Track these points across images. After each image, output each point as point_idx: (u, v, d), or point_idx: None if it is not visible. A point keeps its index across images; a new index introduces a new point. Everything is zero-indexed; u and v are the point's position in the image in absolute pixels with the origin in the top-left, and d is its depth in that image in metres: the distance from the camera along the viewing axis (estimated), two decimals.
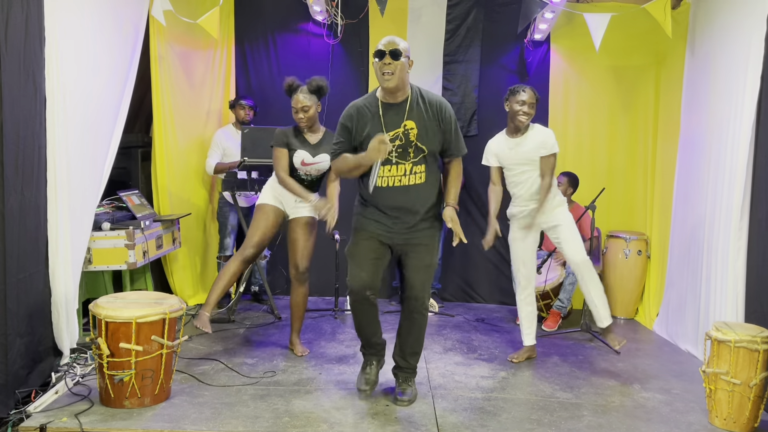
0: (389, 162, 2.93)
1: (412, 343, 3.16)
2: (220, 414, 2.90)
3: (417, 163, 2.94)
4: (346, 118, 2.99)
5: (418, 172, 2.95)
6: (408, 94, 2.96)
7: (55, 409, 2.87)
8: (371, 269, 3.02)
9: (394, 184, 2.95)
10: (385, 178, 2.95)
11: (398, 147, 2.92)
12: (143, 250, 3.88)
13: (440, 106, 2.98)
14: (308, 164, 3.65)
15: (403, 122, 2.92)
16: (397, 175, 2.94)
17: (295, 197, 3.68)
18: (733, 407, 2.89)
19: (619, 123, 5.15)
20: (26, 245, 2.99)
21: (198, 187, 5.02)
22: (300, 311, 3.85)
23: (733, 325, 3.04)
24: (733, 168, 3.58)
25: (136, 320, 2.85)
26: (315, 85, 3.62)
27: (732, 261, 3.52)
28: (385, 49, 2.83)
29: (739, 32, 3.66)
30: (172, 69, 4.59)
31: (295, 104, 3.60)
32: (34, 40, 3.01)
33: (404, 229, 3.01)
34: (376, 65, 2.88)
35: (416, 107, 2.95)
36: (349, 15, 5.12)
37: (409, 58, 2.92)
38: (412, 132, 2.92)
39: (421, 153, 2.94)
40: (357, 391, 3.20)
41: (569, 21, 4.97)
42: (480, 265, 5.36)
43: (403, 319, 3.17)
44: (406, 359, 3.19)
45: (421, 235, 3.02)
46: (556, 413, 3.05)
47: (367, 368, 3.23)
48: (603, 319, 3.73)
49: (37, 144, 3.06)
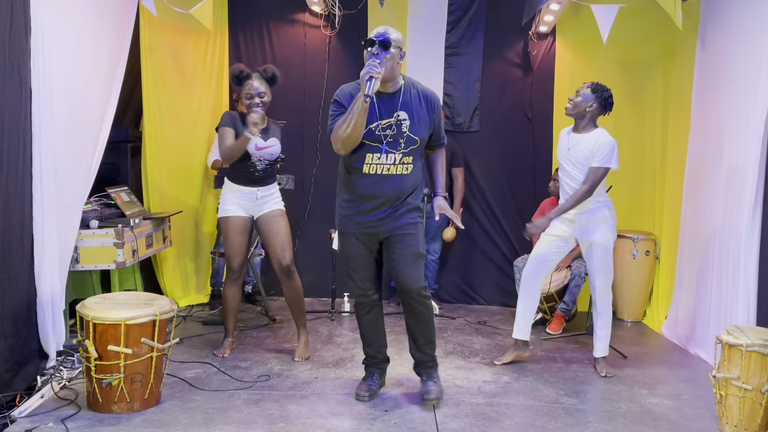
0: (379, 150, 2.91)
1: (423, 332, 3.12)
2: (212, 419, 2.85)
3: (406, 154, 2.96)
4: (342, 96, 2.95)
5: (406, 162, 2.96)
6: (401, 84, 2.98)
7: (40, 414, 2.83)
8: (365, 268, 3.09)
9: (381, 172, 2.94)
10: (373, 166, 2.93)
11: (390, 136, 2.91)
12: (132, 249, 3.81)
13: (431, 96, 3.03)
14: (261, 148, 3.59)
15: (396, 112, 2.93)
16: (386, 164, 2.93)
17: (255, 196, 3.63)
18: (744, 414, 2.83)
19: (627, 118, 5.05)
20: (11, 243, 2.94)
21: (190, 183, 4.94)
22: (297, 307, 3.76)
23: (745, 328, 2.99)
24: (745, 166, 3.52)
25: (125, 322, 2.81)
26: (270, 73, 3.59)
27: (743, 262, 3.48)
28: (375, 39, 2.84)
29: (753, 25, 3.58)
30: (163, 61, 4.51)
31: (249, 90, 3.54)
32: (20, 31, 2.95)
33: (387, 219, 2.98)
34: (366, 54, 2.87)
35: (409, 98, 2.97)
36: (347, 5, 5.03)
37: (401, 49, 2.92)
38: (404, 123, 2.93)
39: (412, 144, 2.95)
40: (355, 397, 3.17)
41: (576, 13, 4.89)
42: (481, 265, 5.28)
43: (407, 316, 3.14)
44: (422, 350, 3.15)
45: (405, 224, 3.00)
46: (560, 419, 3.00)
47: (368, 380, 3.23)
48: (598, 350, 3.69)
49: (23, 138, 3.01)
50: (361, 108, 2.79)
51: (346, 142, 2.87)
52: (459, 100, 5.13)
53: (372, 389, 3.18)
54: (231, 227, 3.66)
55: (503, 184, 5.23)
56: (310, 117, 5.21)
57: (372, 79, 2.73)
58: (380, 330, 3.24)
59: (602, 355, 3.69)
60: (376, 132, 2.91)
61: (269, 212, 3.68)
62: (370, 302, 3.16)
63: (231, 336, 3.81)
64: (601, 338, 3.68)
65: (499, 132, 5.21)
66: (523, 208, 5.11)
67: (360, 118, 2.81)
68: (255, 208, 3.69)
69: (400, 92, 2.95)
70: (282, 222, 3.69)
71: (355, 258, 3.08)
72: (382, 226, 3.00)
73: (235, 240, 3.66)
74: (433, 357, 3.18)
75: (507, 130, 5.20)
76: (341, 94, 2.96)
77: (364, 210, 2.99)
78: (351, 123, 2.82)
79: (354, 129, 2.83)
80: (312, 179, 5.22)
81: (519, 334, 3.76)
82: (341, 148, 2.92)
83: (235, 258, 3.67)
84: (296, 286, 3.71)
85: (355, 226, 3.03)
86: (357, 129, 2.84)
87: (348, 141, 2.87)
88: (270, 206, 3.69)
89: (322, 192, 5.05)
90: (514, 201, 5.20)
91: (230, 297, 3.74)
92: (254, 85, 3.54)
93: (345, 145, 2.89)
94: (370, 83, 2.73)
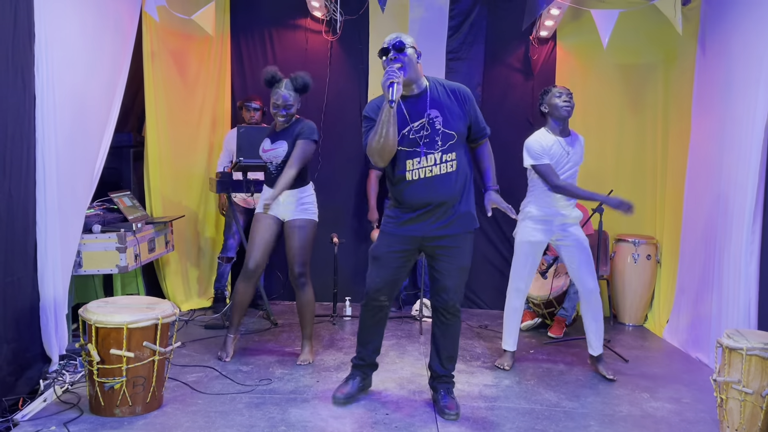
0: (418, 154, 2.87)
1: (448, 347, 3.11)
2: (213, 423, 2.85)
3: (446, 152, 2.88)
4: (370, 110, 2.93)
5: (448, 160, 2.89)
6: (425, 84, 2.95)
7: (43, 417, 2.83)
8: (391, 276, 3.02)
9: (425, 176, 2.88)
10: (416, 171, 2.88)
11: (425, 137, 2.87)
12: (135, 254, 3.82)
13: (460, 89, 2.98)
14: (267, 150, 3.59)
15: (426, 111, 2.89)
16: (427, 166, 2.88)
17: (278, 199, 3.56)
18: (745, 417, 2.81)
19: (627, 123, 5.07)
20: (14, 248, 2.93)
21: (192, 188, 4.95)
22: (303, 317, 3.72)
23: (746, 332, 2.98)
24: (746, 170, 3.52)
25: (127, 326, 2.81)
26: (301, 83, 3.54)
27: (744, 266, 3.47)
28: (389, 45, 2.84)
29: (752, 29, 3.58)
30: (165, 66, 4.53)
31: (276, 100, 3.52)
32: (24, 37, 2.96)
33: (437, 227, 2.93)
34: (384, 63, 2.87)
35: (437, 95, 2.93)
36: (348, 11, 5.05)
37: (416, 49, 2.92)
38: (437, 120, 2.89)
39: (450, 140, 2.89)
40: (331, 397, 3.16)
41: (576, 17, 4.90)
42: (482, 270, 5.26)
43: (435, 325, 3.12)
44: (443, 364, 3.13)
45: (456, 234, 2.95)
46: (561, 423, 2.99)
47: (349, 381, 3.22)
48: (595, 348, 3.68)
49: (26, 143, 3.01)
50: (388, 115, 2.74)
51: (382, 152, 2.81)
52: None
53: (350, 393, 3.15)
54: (257, 223, 3.63)
55: (504, 188, 5.17)
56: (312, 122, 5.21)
57: (393, 84, 2.70)
58: (379, 335, 3.22)
59: (600, 353, 3.66)
60: (410, 136, 2.88)
61: (296, 220, 3.63)
62: (380, 307, 3.11)
63: (233, 332, 3.74)
64: (596, 336, 3.64)
65: (501, 136, 5.19)
66: None
67: (390, 126, 2.76)
68: (282, 211, 3.64)
69: (427, 92, 2.92)
70: (304, 233, 3.60)
71: (385, 259, 2.99)
72: (431, 231, 2.93)
73: (255, 237, 3.62)
74: (452, 375, 3.17)
75: (508, 134, 5.20)
76: (369, 109, 2.94)
77: (412, 217, 2.93)
78: (382, 132, 2.77)
79: (386, 138, 2.77)
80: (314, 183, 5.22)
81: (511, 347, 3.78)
82: (379, 160, 2.85)
83: (252, 255, 3.60)
84: (306, 296, 3.67)
85: (399, 228, 2.96)
86: (390, 138, 2.78)
87: (384, 151, 2.81)
88: (297, 214, 3.63)
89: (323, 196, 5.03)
90: (514, 205, 5.12)
91: (240, 292, 3.65)
92: (283, 94, 3.51)
93: (382, 155, 2.82)
94: (392, 88, 2.70)
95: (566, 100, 3.56)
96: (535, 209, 3.63)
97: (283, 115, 3.55)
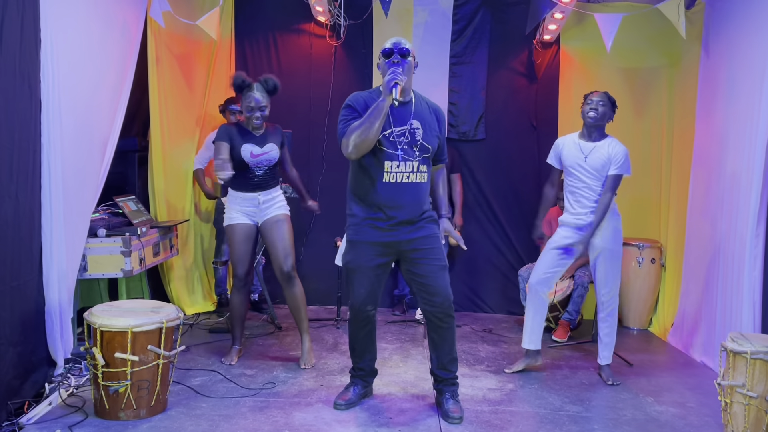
0: (396, 157, 2.92)
1: (449, 350, 3.11)
2: (217, 426, 2.85)
3: (422, 162, 2.98)
4: (355, 102, 2.94)
5: (423, 171, 2.98)
6: (412, 95, 3.02)
7: (48, 420, 2.84)
8: (372, 284, 3.06)
9: (402, 181, 2.93)
10: (393, 174, 2.92)
11: (404, 143, 2.93)
12: (140, 258, 3.82)
13: (438, 110, 3.11)
14: (257, 155, 3.60)
15: (409, 120, 2.95)
16: (406, 172, 2.94)
17: (257, 201, 3.63)
18: (749, 421, 2.80)
19: (631, 126, 5.05)
20: (20, 252, 2.94)
21: (196, 192, 4.95)
22: (299, 313, 3.73)
23: (750, 336, 2.97)
24: (750, 174, 3.51)
25: (132, 329, 2.81)
26: (272, 85, 3.59)
27: (748, 270, 3.45)
28: (394, 48, 2.88)
29: (756, 33, 3.58)
30: (170, 71, 4.54)
31: (250, 102, 3.55)
32: (30, 42, 2.97)
33: (407, 231, 2.97)
34: (382, 63, 2.91)
35: (421, 108, 3.02)
36: (352, 15, 5.06)
37: (415, 59, 2.97)
38: (417, 132, 2.96)
39: (426, 153, 2.98)
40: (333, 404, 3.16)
41: (579, 21, 4.90)
42: (487, 273, 5.27)
43: (432, 330, 3.11)
44: (447, 368, 3.13)
45: (427, 235, 3.00)
46: (565, 427, 2.99)
47: (350, 388, 3.22)
48: (603, 357, 3.68)
49: (32, 148, 3.02)
50: (383, 110, 2.77)
51: (360, 145, 2.81)
52: (464, 108, 5.14)
53: (351, 399, 3.16)
54: (235, 235, 3.65)
55: (508, 192, 5.23)
56: (316, 126, 5.24)
57: (396, 85, 2.75)
58: (372, 343, 3.24)
59: (607, 362, 3.67)
60: (390, 138, 2.91)
61: (272, 217, 3.66)
62: (369, 317, 3.13)
63: (238, 343, 3.82)
64: (606, 345, 3.66)
65: (505, 140, 5.21)
66: (528, 216, 5.08)
67: (379, 120, 2.78)
68: (258, 213, 3.67)
69: (412, 102, 2.99)
70: (284, 227, 3.65)
71: (364, 270, 3.02)
72: (404, 235, 2.97)
73: (239, 248, 3.65)
74: (456, 376, 3.17)
75: (512, 138, 5.21)
76: (354, 100, 2.95)
77: (382, 218, 2.95)
78: (371, 124, 2.77)
79: (372, 132, 2.78)
80: (318, 188, 5.23)
81: (530, 345, 3.74)
82: (353, 152, 2.85)
83: (240, 266, 3.67)
84: (297, 292, 3.69)
85: (372, 235, 2.97)
86: (374, 132, 2.79)
87: (363, 144, 2.82)
88: (273, 211, 3.67)
89: (327, 200, 5.06)
90: (519, 209, 5.20)
91: (237, 305, 3.74)
92: (255, 96, 3.55)
93: (359, 148, 2.83)
94: (396, 89, 2.75)
95: (593, 107, 3.56)
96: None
97: (258, 117, 3.58)
